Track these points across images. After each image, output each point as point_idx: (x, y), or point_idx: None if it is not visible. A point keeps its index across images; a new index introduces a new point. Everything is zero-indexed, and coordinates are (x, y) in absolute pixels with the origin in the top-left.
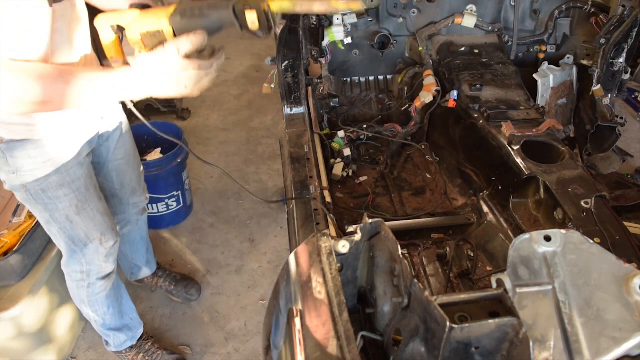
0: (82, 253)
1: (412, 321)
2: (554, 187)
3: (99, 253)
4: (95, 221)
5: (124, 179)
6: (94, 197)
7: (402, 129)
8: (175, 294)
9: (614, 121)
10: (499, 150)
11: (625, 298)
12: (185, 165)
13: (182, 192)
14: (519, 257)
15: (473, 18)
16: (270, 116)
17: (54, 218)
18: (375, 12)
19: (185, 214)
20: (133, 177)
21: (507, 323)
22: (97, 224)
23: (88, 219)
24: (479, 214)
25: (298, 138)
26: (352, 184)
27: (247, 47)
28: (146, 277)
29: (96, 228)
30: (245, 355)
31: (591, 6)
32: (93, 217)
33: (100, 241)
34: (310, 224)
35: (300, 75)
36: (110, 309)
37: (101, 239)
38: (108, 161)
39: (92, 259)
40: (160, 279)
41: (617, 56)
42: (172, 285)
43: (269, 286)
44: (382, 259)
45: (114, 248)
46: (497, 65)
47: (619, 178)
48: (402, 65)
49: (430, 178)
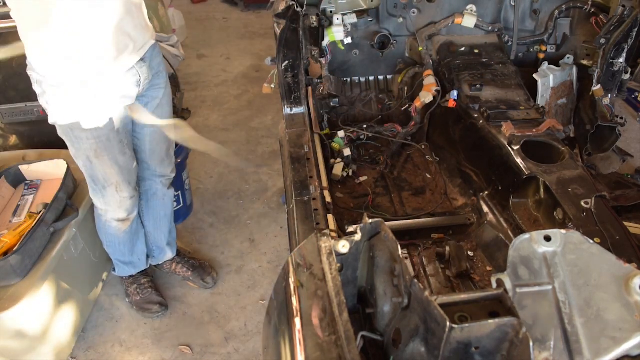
0: (101, 194)
1: (412, 321)
2: (554, 187)
3: (114, 199)
4: (112, 170)
5: (155, 146)
6: (115, 149)
7: (402, 129)
8: (192, 279)
9: (614, 121)
10: (499, 150)
11: (625, 298)
12: (185, 165)
13: (182, 192)
14: (519, 257)
15: (473, 18)
16: (270, 116)
17: (78, 155)
18: (375, 12)
19: (185, 214)
20: (163, 148)
21: (507, 323)
22: (115, 173)
23: (106, 166)
24: (479, 214)
25: (298, 138)
26: (352, 184)
27: (247, 47)
28: (165, 262)
29: (112, 176)
30: (245, 355)
31: (591, 6)
32: (111, 166)
33: (116, 189)
34: (310, 224)
35: (300, 75)
36: (122, 246)
37: (117, 186)
38: (142, 126)
39: (109, 201)
40: (178, 265)
41: (617, 56)
42: (189, 271)
43: (269, 286)
44: (382, 259)
45: (130, 201)
46: (497, 65)
47: (619, 178)
48: (402, 65)
49: (430, 178)
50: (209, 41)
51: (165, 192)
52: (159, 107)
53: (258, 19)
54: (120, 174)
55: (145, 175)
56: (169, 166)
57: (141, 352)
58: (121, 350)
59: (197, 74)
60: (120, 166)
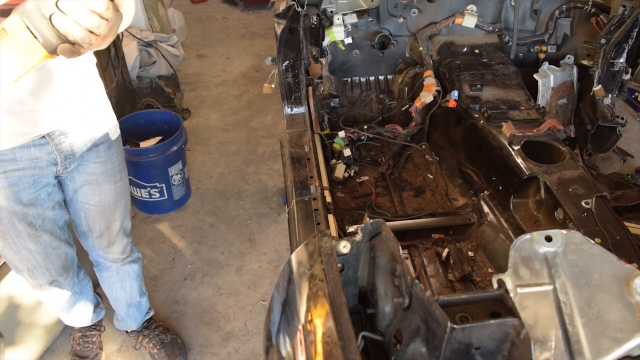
0: (19, 275)
1: (413, 321)
2: (554, 187)
3: (30, 283)
4: (20, 255)
5: (93, 225)
6: (23, 234)
7: (403, 129)
8: (157, 358)
9: (615, 121)
10: (500, 150)
11: (626, 298)
12: (173, 161)
13: (167, 185)
14: (520, 258)
15: (473, 18)
16: (270, 116)
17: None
18: (375, 12)
19: (170, 207)
20: (110, 231)
21: (508, 323)
22: (23, 259)
23: (12, 250)
24: (479, 214)
25: (298, 138)
26: (352, 183)
27: (247, 47)
28: (132, 332)
29: (22, 262)
30: (245, 355)
31: (592, 6)
32: (17, 251)
33: (29, 275)
34: (310, 224)
35: (300, 75)
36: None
37: (29, 274)
38: (73, 201)
39: (28, 284)
40: (145, 339)
41: (617, 56)
42: (155, 348)
43: (269, 286)
44: (383, 259)
45: (51, 286)
46: (497, 65)
47: (619, 178)
48: (402, 65)
49: (431, 178)
50: (209, 41)
51: (118, 267)
52: (94, 183)
53: (258, 19)
54: (31, 260)
55: (88, 247)
56: (116, 246)
57: (141, 353)
58: (120, 351)
59: (197, 74)
60: (31, 252)
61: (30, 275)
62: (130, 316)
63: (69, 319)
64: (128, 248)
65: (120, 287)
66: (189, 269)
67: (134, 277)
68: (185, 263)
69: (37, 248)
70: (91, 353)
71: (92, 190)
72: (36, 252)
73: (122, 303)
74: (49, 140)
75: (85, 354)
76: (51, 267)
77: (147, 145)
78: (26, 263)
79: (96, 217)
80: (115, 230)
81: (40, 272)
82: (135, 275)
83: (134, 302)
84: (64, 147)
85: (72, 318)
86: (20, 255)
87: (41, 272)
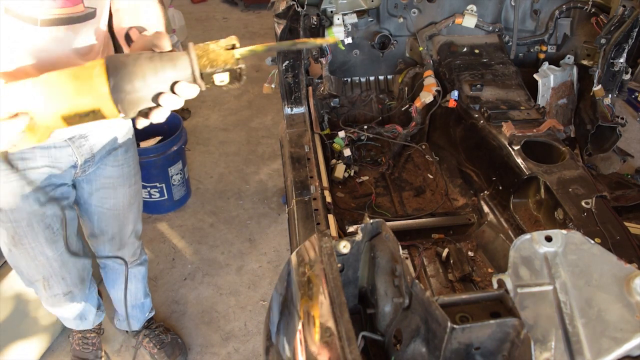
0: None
1: (413, 321)
2: (554, 187)
3: (42, 295)
4: (36, 262)
5: (106, 228)
6: (40, 238)
7: (403, 129)
8: (157, 358)
9: (615, 121)
10: (500, 150)
11: (626, 298)
12: (173, 161)
13: (167, 185)
14: (520, 258)
15: (473, 18)
16: (270, 116)
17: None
18: (375, 12)
19: (170, 207)
20: (122, 234)
21: (508, 323)
22: (39, 266)
23: (28, 257)
24: (479, 214)
25: (298, 138)
26: (352, 183)
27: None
28: (128, 331)
29: (37, 270)
30: (245, 355)
31: (592, 6)
32: (34, 257)
33: (44, 285)
34: (310, 224)
35: (300, 75)
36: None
37: (44, 283)
38: (87, 204)
39: (41, 296)
40: (145, 339)
41: (617, 56)
42: (156, 348)
43: (269, 286)
44: (383, 259)
45: (65, 297)
46: (497, 65)
47: (619, 178)
48: (402, 65)
49: (431, 178)
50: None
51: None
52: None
53: (258, 19)
54: (47, 267)
55: (97, 250)
56: (127, 249)
57: (141, 353)
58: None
59: None
60: (48, 258)
61: (45, 284)
62: (133, 317)
63: (71, 322)
64: (138, 251)
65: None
66: (189, 269)
67: (140, 279)
68: (185, 263)
69: (54, 254)
70: (91, 355)
71: (107, 193)
72: (53, 258)
73: (122, 305)
74: (70, 143)
75: (85, 355)
76: (67, 276)
77: (147, 145)
78: (42, 271)
79: (109, 221)
80: (127, 234)
81: (55, 281)
82: (141, 277)
83: (138, 303)
84: (84, 150)
85: (73, 321)
86: (37, 261)
87: (56, 280)
